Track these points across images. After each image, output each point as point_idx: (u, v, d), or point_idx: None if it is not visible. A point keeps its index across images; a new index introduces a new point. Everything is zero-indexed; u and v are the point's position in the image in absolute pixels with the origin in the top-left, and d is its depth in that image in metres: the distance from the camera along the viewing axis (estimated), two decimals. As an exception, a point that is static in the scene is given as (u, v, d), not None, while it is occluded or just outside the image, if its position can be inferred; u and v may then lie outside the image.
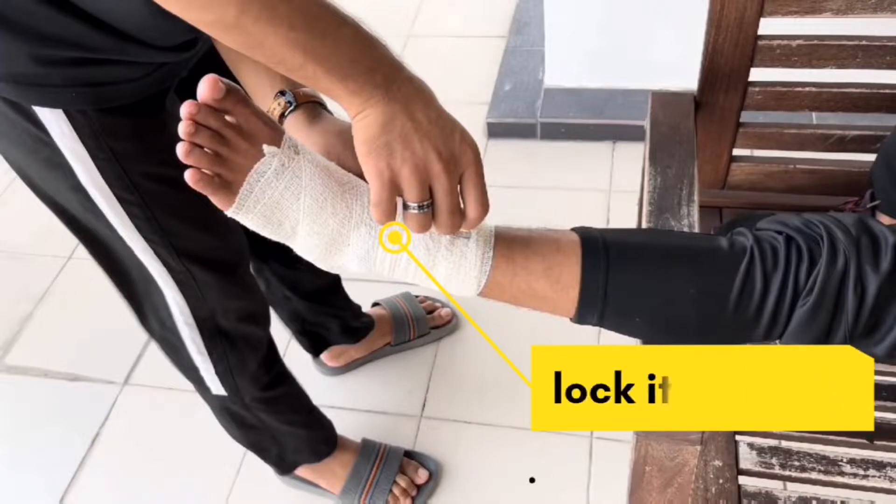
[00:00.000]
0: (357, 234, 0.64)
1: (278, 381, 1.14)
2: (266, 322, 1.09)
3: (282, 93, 0.75)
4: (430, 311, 1.55)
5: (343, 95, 0.58)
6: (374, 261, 0.65)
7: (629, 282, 0.66)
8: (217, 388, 1.05)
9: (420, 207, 0.61)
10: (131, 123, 0.78)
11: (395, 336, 1.51)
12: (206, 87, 0.58)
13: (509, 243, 0.66)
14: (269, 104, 0.76)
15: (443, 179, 0.60)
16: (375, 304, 1.56)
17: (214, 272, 0.93)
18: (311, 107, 0.76)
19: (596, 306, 0.65)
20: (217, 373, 1.03)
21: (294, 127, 0.74)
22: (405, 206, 0.61)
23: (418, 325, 1.52)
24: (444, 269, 0.65)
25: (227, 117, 0.60)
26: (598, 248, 0.66)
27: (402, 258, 0.65)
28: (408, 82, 0.59)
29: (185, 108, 0.57)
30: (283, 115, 0.75)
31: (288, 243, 0.66)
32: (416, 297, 1.56)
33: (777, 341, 0.68)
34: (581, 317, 0.67)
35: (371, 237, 0.64)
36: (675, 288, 0.65)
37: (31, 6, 0.66)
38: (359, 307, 1.47)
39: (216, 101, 0.58)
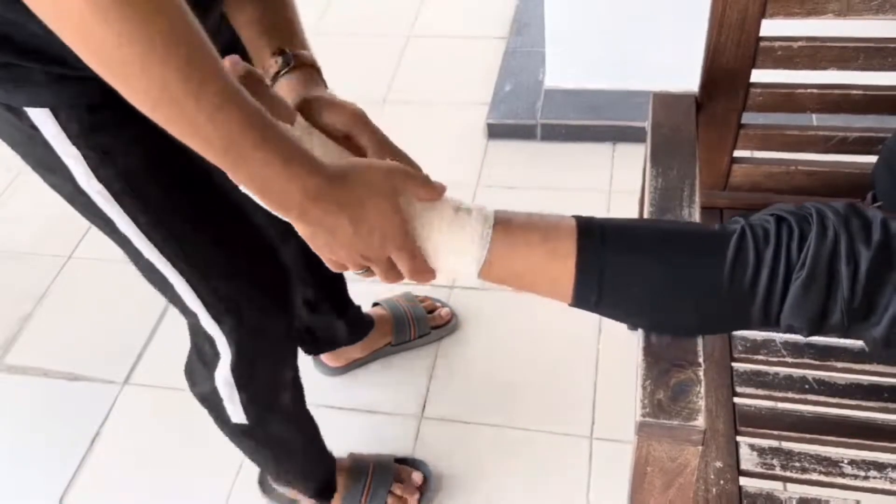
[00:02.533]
0: None
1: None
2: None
3: (281, 52, 0.74)
4: (431, 311, 1.55)
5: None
6: None
7: (625, 252, 0.67)
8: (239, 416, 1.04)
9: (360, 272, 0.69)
10: (125, 118, 0.75)
11: (395, 336, 1.51)
12: (227, 66, 0.60)
13: (508, 219, 0.68)
14: (266, 61, 0.75)
15: (375, 268, 0.67)
16: (376, 305, 1.56)
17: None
18: (308, 71, 0.75)
19: (593, 277, 0.66)
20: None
21: (287, 88, 0.73)
22: None
23: (419, 325, 1.52)
24: (446, 242, 0.66)
25: None
26: (593, 224, 0.68)
27: None
28: (326, 200, 0.60)
29: None
30: (277, 74, 0.74)
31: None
32: (417, 296, 1.56)
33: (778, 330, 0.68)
34: (579, 292, 0.67)
35: None
36: (670, 258, 0.67)
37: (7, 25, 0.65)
38: (359, 307, 1.47)
39: (236, 79, 0.60)
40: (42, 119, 0.72)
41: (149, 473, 1.42)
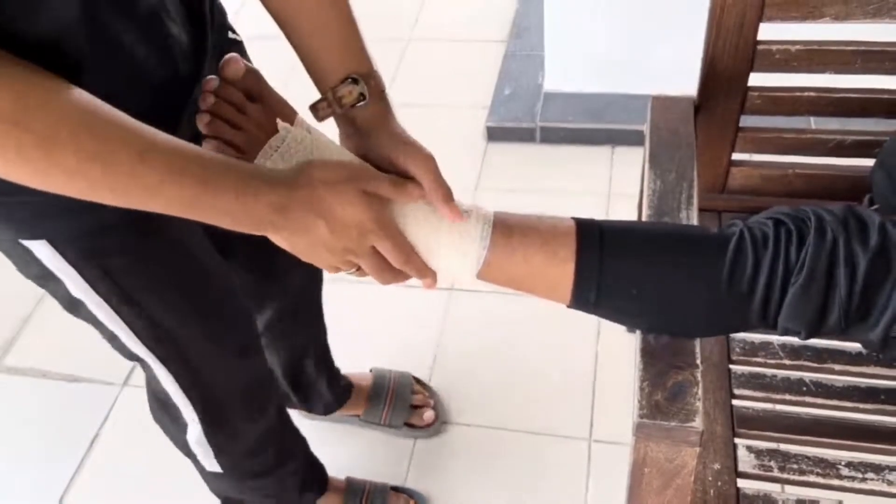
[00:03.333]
0: None
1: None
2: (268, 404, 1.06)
3: (354, 81, 0.70)
4: (417, 407, 1.43)
5: None
6: None
7: (624, 254, 0.68)
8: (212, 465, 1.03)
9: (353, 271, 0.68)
10: (122, 244, 0.74)
11: (365, 413, 1.41)
12: (228, 65, 0.62)
13: (507, 220, 0.69)
14: (336, 86, 0.70)
15: (362, 262, 0.66)
16: (371, 370, 1.47)
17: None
18: (381, 101, 0.72)
19: (592, 278, 0.66)
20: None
21: (360, 120, 0.71)
22: None
23: (392, 416, 1.40)
24: (446, 243, 0.67)
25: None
26: (592, 227, 0.69)
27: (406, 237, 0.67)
28: (292, 208, 0.61)
29: (207, 84, 0.61)
30: (352, 106, 0.70)
31: None
32: (417, 383, 1.46)
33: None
34: (578, 292, 0.67)
35: None
36: (669, 261, 0.68)
37: None
38: (338, 370, 1.39)
39: (236, 78, 0.62)
40: (36, 247, 0.70)
41: (148, 474, 1.42)
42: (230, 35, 0.82)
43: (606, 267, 0.66)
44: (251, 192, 0.59)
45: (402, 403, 1.41)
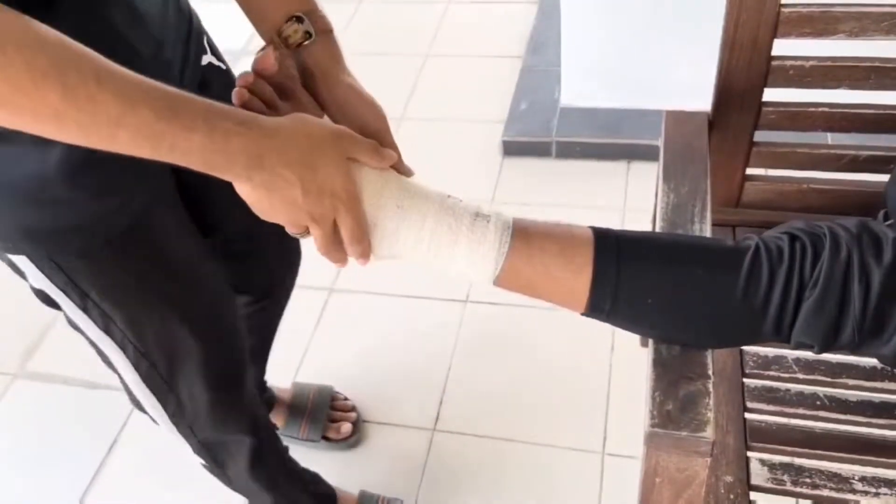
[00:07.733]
0: (385, 211, 0.66)
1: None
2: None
3: (298, 19, 0.68)
4: (334, 421, 1.43)
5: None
6: (397, 241, 0.67)
7: (640, 264, 0.68)
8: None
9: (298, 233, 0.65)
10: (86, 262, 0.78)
11: (285, 426, 1.42)
12: (263, 59, 0.63)
13: (526, 227, 0.69)
14: (281, 28, 0.69)
15: (317, 231, 0.63)
16: (293, 384, 1.48)
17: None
18: (327, 42, 0.70)
19: (608, 286, 0.67)
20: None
21: (308, 64, 0.70)
22: None
23: (310, 429, 1.41)
24: (465, 246, 0.67)
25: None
26: (609, 235, 0.69)
27: (425, 238, 0.67)
28: (273, 162, 0.58)
29: (242, 79, 0.62)
30: (298, 46, 0.69)
31: None
32: (338, 396, 1.47)
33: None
34: (594, 300, 0.68)
35: (399, 217, 0.66)
36: (685, 272, 0.68)
37: None
38: (264, 382, 1.39)
39: (271, 73, 0.64)
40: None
41: (165, 478, 1.43)
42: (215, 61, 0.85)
43: (622, 276, 0.67)
44: (220, 132, 0.55)
45: (317, 418, 1.42)
